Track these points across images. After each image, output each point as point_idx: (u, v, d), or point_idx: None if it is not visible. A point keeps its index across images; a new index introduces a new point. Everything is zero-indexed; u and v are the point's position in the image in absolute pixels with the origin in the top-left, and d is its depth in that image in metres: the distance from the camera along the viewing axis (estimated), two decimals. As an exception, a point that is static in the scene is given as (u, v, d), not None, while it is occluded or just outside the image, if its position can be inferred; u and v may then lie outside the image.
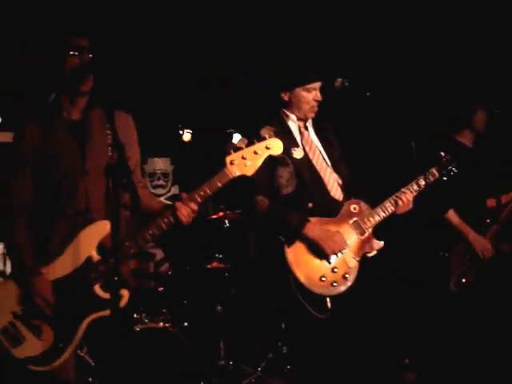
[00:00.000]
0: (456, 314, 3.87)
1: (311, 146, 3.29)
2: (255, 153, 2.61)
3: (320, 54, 4.61)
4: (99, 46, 2.68)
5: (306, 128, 3.34)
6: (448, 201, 3.87)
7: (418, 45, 5.03)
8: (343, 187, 3.26)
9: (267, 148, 2.63)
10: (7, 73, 5.25)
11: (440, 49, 5.04)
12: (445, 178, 3.42)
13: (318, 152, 3.29)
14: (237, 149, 2.60)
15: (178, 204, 2.56)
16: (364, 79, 3.31)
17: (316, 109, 3.27)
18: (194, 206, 2.58)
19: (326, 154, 3.32)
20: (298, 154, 3.21)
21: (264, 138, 2.64)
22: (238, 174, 2.61)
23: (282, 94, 3.29)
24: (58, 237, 2.57)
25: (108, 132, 2.61)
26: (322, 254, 3.04)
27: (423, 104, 4.92)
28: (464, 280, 3.86)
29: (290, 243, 3.02)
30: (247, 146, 2.62)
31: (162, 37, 5.23)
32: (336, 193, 3.21)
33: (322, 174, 3.21)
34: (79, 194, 2.59)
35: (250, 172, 2.62)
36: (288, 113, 3.30)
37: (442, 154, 3.41)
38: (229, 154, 2.59)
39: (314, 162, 3.24)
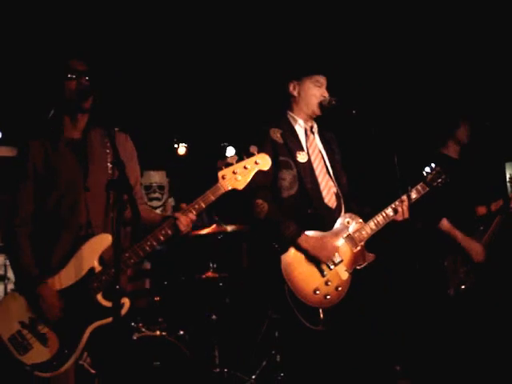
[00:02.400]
0: (453, 320, 3.92)
1: (315, 150, 3.33)
2: (245, 168, 2.77)
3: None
4: (94, 63, 2.80)
5: (313, 133, 3.38)
6: (440, 211, 3.93)
7: (402, 61, 5.13)
8: (340, 197, 3.30)
9: (256, 163, 2.79)
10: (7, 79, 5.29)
11: (424, 63, 5.15)
12: (433, 190, 3.48)
13: (320, 157, 3.33)
14: (228, 164, 2.75)
15: (178, 214, 2.70)
16: (351, 97, 3.39)
17: (324, 105, 3.28)
18: (193, 216, 2.71)
19: (329, 161, 3.37)
20: (302, 157, 3.25)
21: (253, 154, 2.80)
22: (229, 187, 2.75)
23: (291, 88, 3.33)
24: (61, 248, 2.69)
25: (108, 151, 2.78)
26: (316, 263, 3.08)
27: (410, 119, 5.04)
28: (463, 287, 3.94)
29: (284, 252, 3.05)
30: (237, 161, 2.77)
31: (156, 52, 5.25)
32: (330, 200, 3.24)
33: (319, 180, 3.25)
34: (80, 209, 2.72)
35: (240, 186, 2.77)
36: (295, 116, 3.35)
37: (433, 165, 3.48)
38: (220, 169, 2.75)
39: (315, 166, 3.28)
